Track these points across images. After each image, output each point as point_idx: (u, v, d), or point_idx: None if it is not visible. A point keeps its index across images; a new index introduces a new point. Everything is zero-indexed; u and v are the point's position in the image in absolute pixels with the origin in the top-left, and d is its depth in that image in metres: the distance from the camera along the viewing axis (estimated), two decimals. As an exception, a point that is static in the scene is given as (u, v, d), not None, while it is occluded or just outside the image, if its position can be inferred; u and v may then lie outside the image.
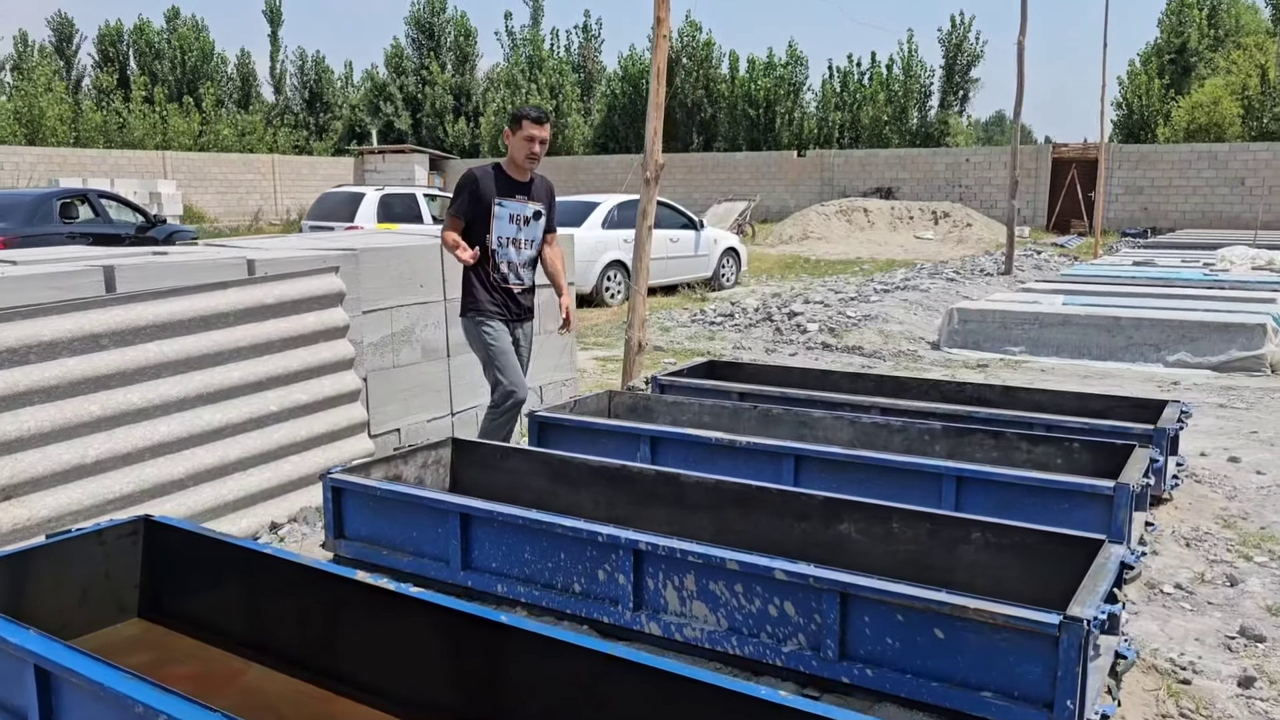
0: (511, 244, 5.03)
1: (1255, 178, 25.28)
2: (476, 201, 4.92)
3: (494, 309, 5.00)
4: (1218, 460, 5.86)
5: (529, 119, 4.92)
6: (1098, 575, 2.97)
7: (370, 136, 41.53)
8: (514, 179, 5.00)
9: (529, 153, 4.90)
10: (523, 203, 5.02)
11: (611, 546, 3.42)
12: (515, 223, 5.02)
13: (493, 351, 4.99)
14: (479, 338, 5.02)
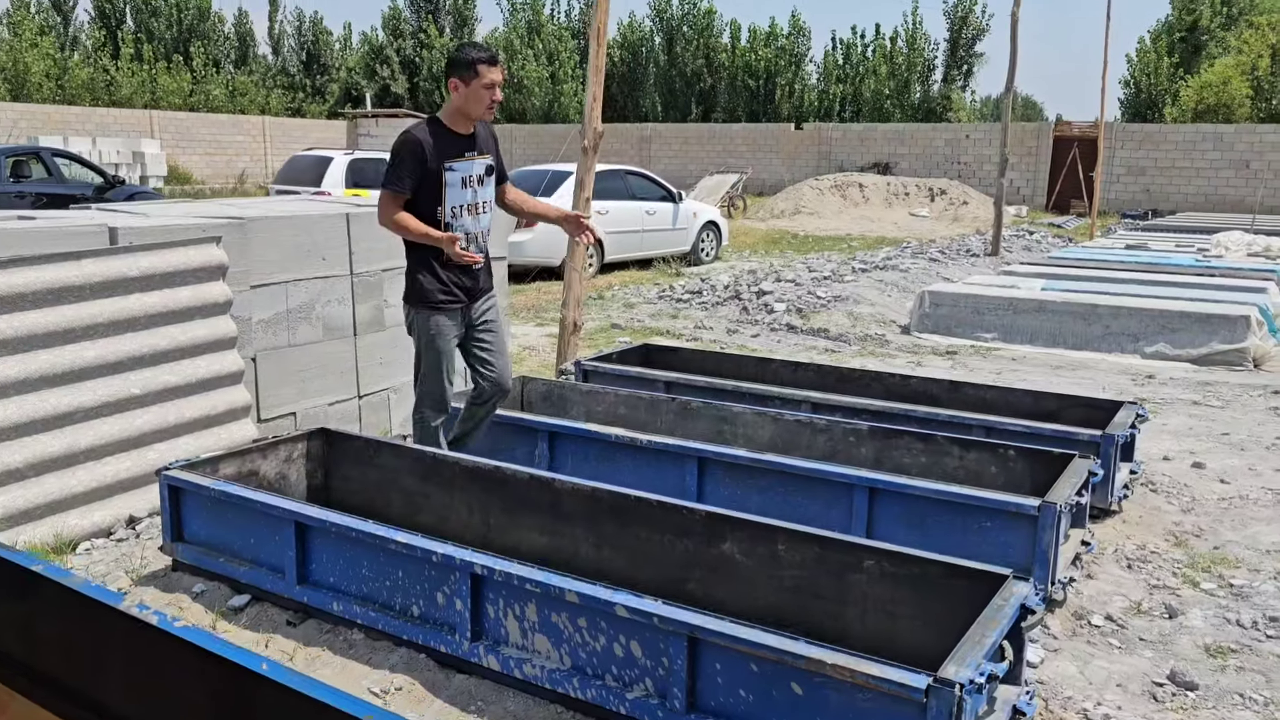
0: (467, 212, 4.12)
1: (1260, 161, 24.64)
2: (421, 170, 3.98)
3: (445, 298, 4.10)
4: (1180, 465, 5.42)
5: (484, 62, 3.95)
6: (987, 624, 2.54)
7: (365, 99, 40.84)
8: (458, 134, 4.07)
9: (490, 103, 3.99)
10: (471, 160, 4.11)
11: (448, 567, 3.00)
12: (469, 186, 4.10)
13: (428, 352, 4.14)
14: (418, 332, 4.17)
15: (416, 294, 4.14)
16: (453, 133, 4.07)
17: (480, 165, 4.15)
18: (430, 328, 4.12)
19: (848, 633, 3.11)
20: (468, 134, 4.10)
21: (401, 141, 4.01)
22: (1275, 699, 3.07)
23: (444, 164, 4.01)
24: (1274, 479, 5.22)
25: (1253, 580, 3.91)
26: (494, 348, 4.29)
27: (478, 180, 4.15)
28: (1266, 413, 6.66)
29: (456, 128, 4.08)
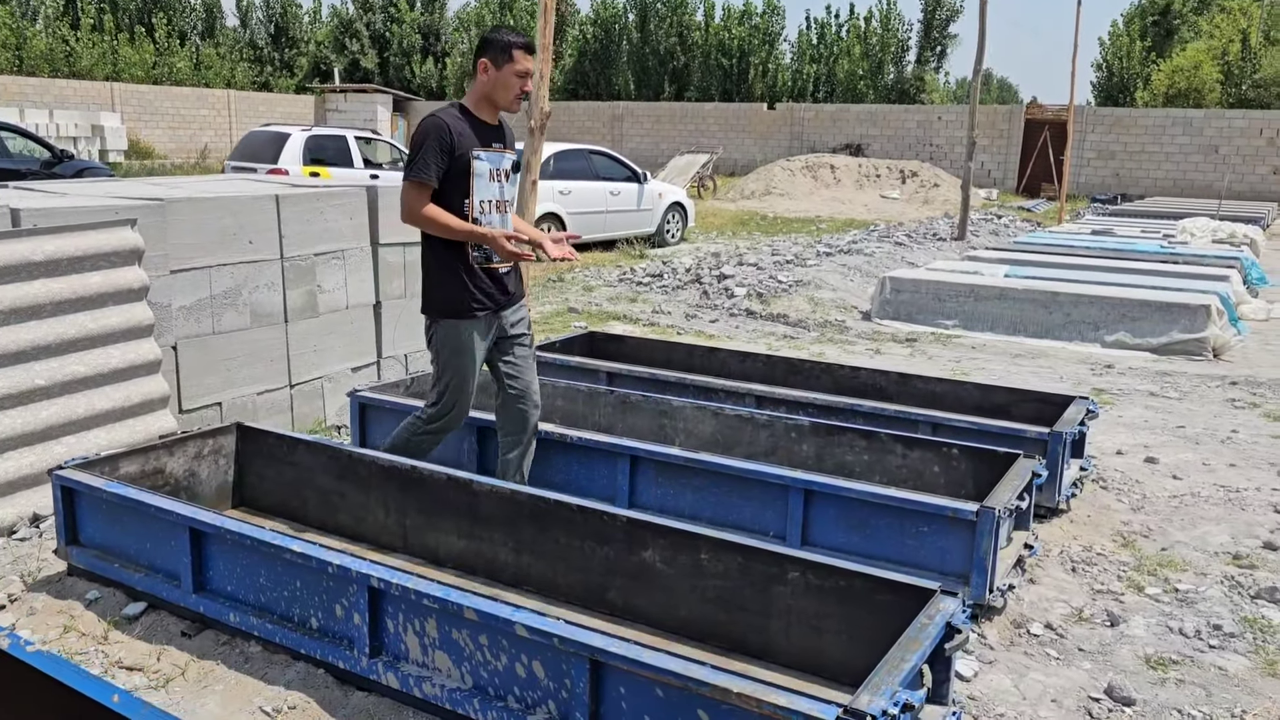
0: (495, 208, 3.69)
1: (1229, 146, 24.68)
2: (450, 156, 3.54)
3: (475, 305, 3.64)
4: (1134, 460, 5.30)
5: (520, 48, 3.57)
6: (907, 647, 2.39)
7: (334, 74, 40.19)
8: (486, 123, 3.68)
9: (519, 92, 3.63)
10: (500, 153, 3.71)
11: (345, 579, 2.81)
12: (496, 179, 3.69)
13: (448, 367, 3.70)
14: (439, 344, 3.70)
15: (441, 301, 3.67)
16: (480, 120, 3.67)
17: (508, 160, 3.78)
18: (458, 340, 3.65)
19: (772, 647, 2.96)
20: (494, 124, 3.73)
21: (427, 126, 3.57)
22: (1215, 715, 2.95)
23: (473, 152, 3.59)
24: (1227, 475, 5.12)
25: (1199, 585, 3.79)
26: (523, 364, 3.85)
27: (505, 175, 3.75)
28: (1223, 405, 6.57)
29: (483, 115, 3.68)
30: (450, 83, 39.54)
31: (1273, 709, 2.98)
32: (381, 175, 14.72)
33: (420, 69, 40.88)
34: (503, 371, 3.84)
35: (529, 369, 3.87)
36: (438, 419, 3.79)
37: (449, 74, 39.77)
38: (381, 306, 5.91)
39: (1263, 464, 5.30)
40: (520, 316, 3.84)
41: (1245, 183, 24.29)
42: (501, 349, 3.80)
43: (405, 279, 6.04)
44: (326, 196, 5.50)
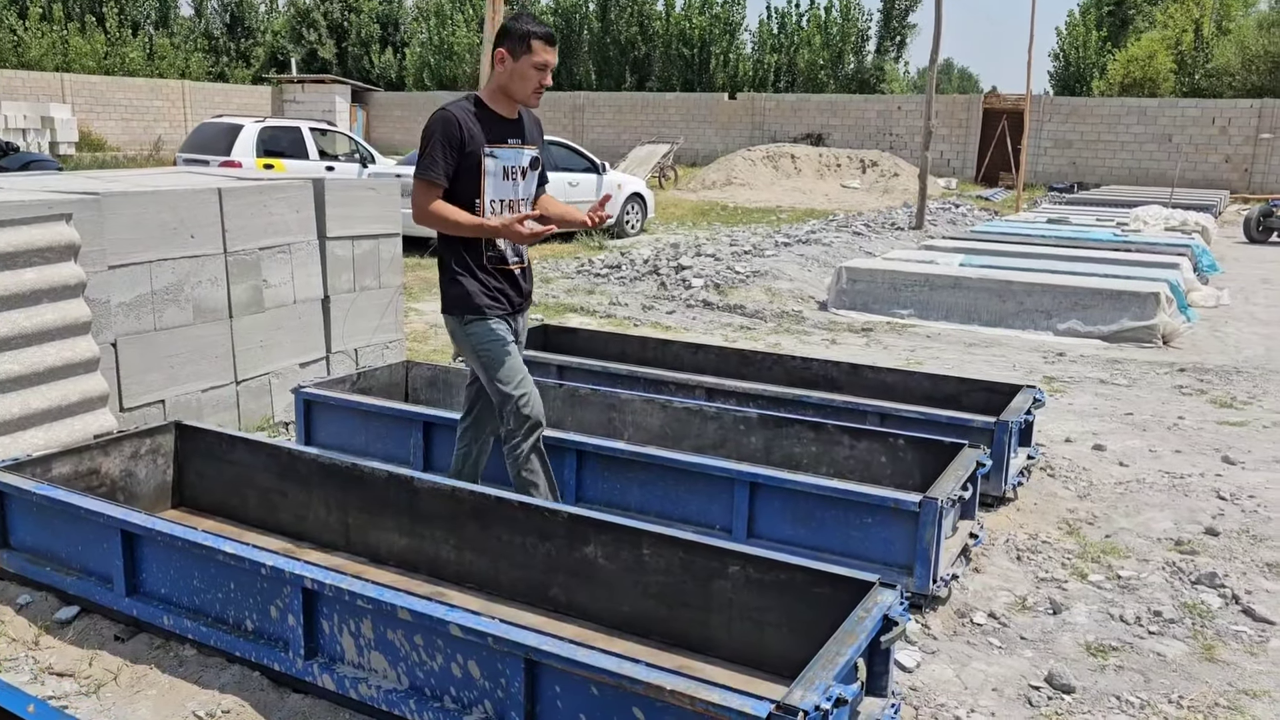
0: (508, 208, 3.51)
1: (1182, 135, 25.04)
2: (460, 152, 3.36)
3: (491, 302, 3.50)
4: (1082, 448, 5.36)
5: (540, 38, 3.37)
6: (842, 641, 2.38)
7: (291, 65, 39.69)
8: (503, 117, 3.47)
9: (537, 86, 3.43)
10: (517, 149, 3.50)
11: (279, 580, 2.76)
12: (510, 178, 3.50)
13: (495, 361, 3.51)
14: (473, 344, 3.53)
15: (459, 300, 3.51)
16: (495, 114, 3.46)
17: (526, 156, 3.55)
18: (483, 334, 3.50)
19: (714, 641, 2.95)
20: (512, 118, 3.50)
21: (435, 120, 3.38)
22: (1152, 701, 2.97)
23: (484, 148, 3.39)
24: (1172, 461, 5.18)
25: (1140, 571, 3.83)
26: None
27: (521, 173, 3.54)
28: (1171, 391, 6.66)
29: (499, 109, 3.47)
30: (410, 73, 39.22)
31: (1209, 694, 3.02)
32: (338, 167, 14.57)
33: (379, 59, 40.52)
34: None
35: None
36: (514, 422, 3.51)
37: (408, 64, 39.43)
38: (330, 301, 5.83)
39: (1208, 450, 5.37)
40: (524, 326, 3.72)
41: (1198, 171, 24.66)
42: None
43: (354, 272, 5.97)
44: (271, 190, 5.41)
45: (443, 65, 38.26)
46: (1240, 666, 3.18)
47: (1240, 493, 4.68)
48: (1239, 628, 3.42)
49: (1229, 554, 4.02)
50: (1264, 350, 7.99)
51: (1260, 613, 3.50)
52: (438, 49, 38.33)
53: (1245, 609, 3.54)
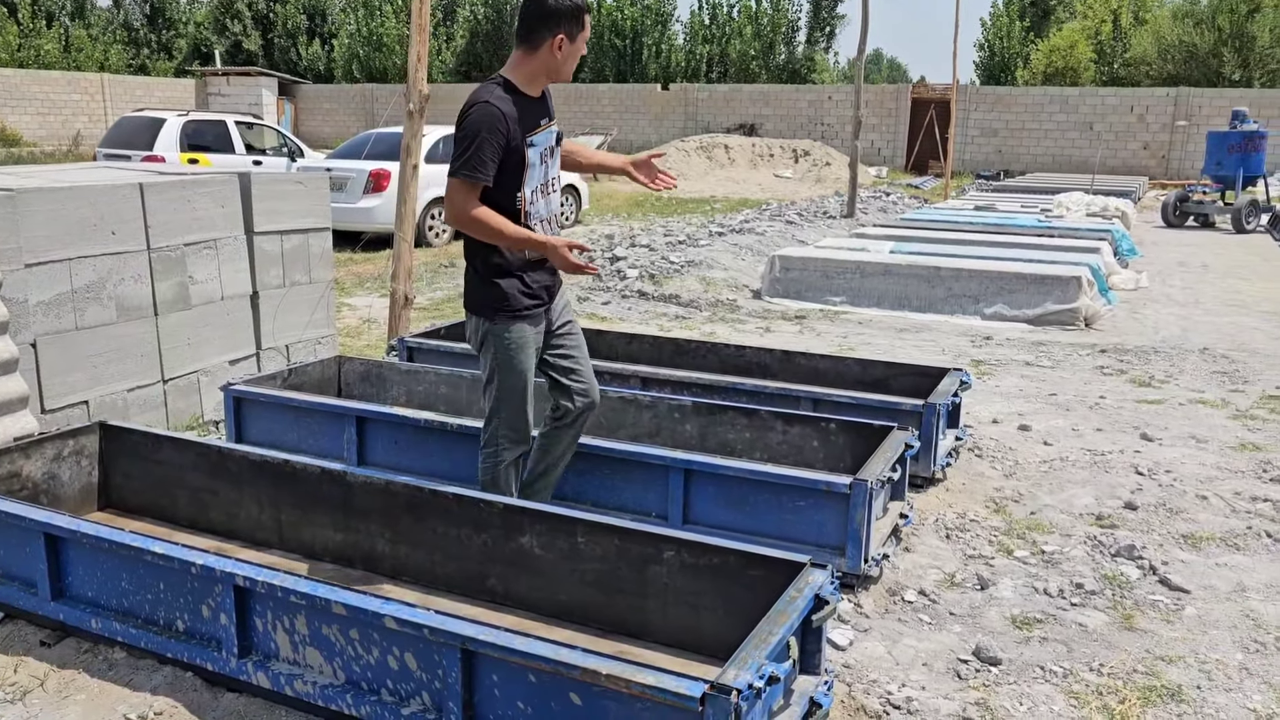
0: (543, 193, 3.32)
1: (1103, 123, 25.69)
2: (507, 147, 3.13)
3: (532, 302, 3.28)
4: (1008, 428, 5.50)
5: (588, 11, 3.24)
6: (774, 620, 2.43)
7: (215, 57, 38.80)
8: (533, 99, 3.25)
9: (578, 63, 3.35)
10: (548, 130, 3.31)
11: (210, 579, 2.73)
12: (545, 162, 3.31)
13: (512, 372, 3.28)
14: (498, 347, 3.27)
15: (492, 300, 3.25)
16: (528, 98, 3.22)
17: (553, 134, 3.35)
18: (511, 341, 3.25)
19: (651, 626, 2.99)
20: (538, 97, 3.28)
21: (478, 117, 3.08)
22: (1074, 669, 3.08)
23: (527, 139, 3.18)
24: (1094, 439, 5.35)
25: (1063, 546, 3.95)
26: (578, 353, 3.48)
27: (550, 152, 3.35)
28: (1093, 372, 6.85)
29: (530, 91, 3.22)
30: (338, 65, 38.58)
31: (1128, 661, 3.13)
32: (265, 162, 14.31)
33: (307, 51, 39.80)
34: (558, 366, 3.44)
35: (585, 358, 3.51)
36: (501, 435, 3.33)
37: (337, 56, 38.78)
38: (259, 297, 5.74)
39: (1127, 428, 5.55)
40: (565, 303, 3.51)
41: (1118, 158, 25.33)
42: (550, 343, 3.42)
43: (283, 268, 5.88)
44: (195, 184, 5.31)
45: (372, 57, 37.72)
46: (1157, 634, 3.30)
47: (1157, 468, 4.85)
48: (1156, 597, 3.55)
49: (1147, 527, 4.17)
50: (1180, 331, 8.26)
51: (1176, 582, 3.63)
52: (367, 41, 37.76)
53: (1162, 579, 3.68)
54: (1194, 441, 5.30)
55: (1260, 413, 5.86)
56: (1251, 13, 28.60)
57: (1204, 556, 3.90)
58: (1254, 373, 6.82)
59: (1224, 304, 9.52)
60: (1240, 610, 3.47)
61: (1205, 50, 28.91)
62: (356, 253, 11.59)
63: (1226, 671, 3.08)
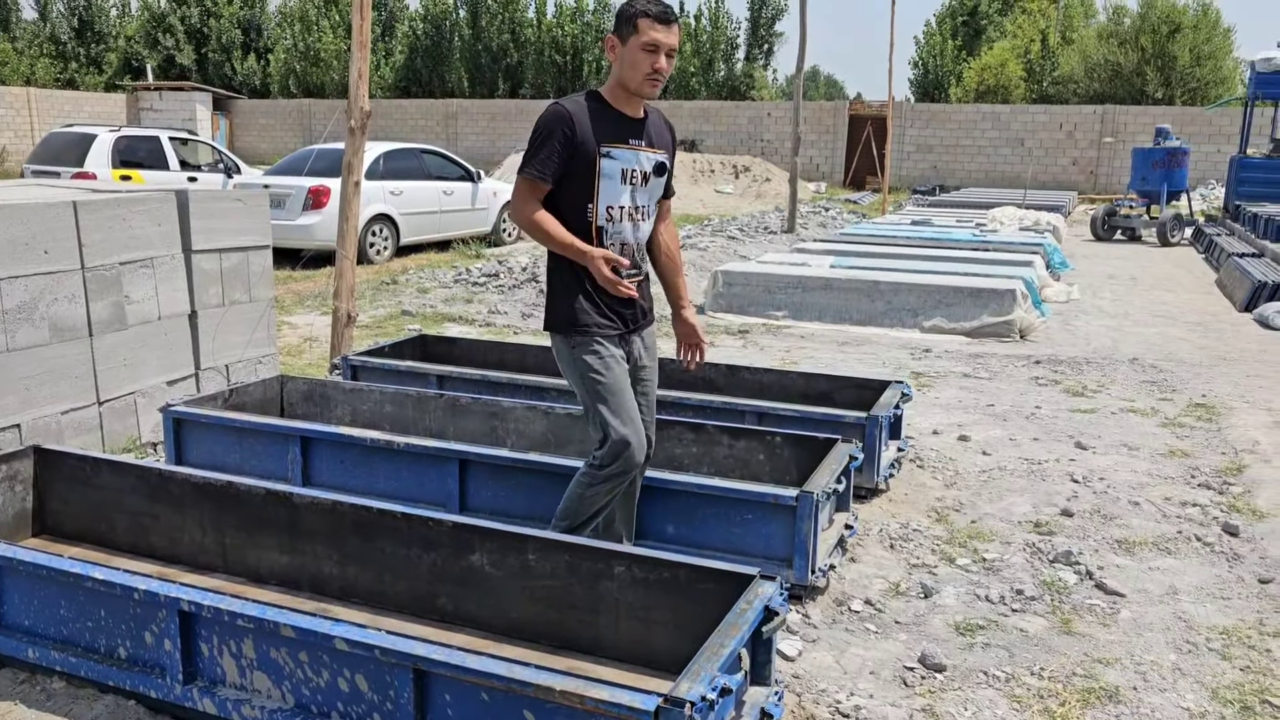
0: (626, 216, 3.16)
1: (1034, 139, 26.37)
2: (571, 151, 3.04)
3: (603, 320, 3.16)
4: (948, 439, 5.61)
5: (646, 15, 3.01)
6: (726, 633, 2.46)
7: (147, 72, 38.08)
8: (623, 114, 3.12)
9: (650, 71, 3.02)
10: (637, 150, 3.13)
11: (153, 604, 2.68)
12: (630, 183, 3.13)
13: (599, 388, 3.15)
14: (578, 368, 3.18)
15: (563, 316, 3.18)
16: (614, 111, 3.11)
17: (649, 160, 3.17)
18: (588, 357, 3.15)
19: (603, 641, 2.99)
20: (635, 117, 3.14)
21: (546, 115, 3.06)
22: (1016, 674, 3.15)
23: (600, 147, 3.07)
24: (1030, 448, 5.48)
25: (1003, 553, 4.05)
26: (644, 402, 3.34)
27: (642, 178, 3.16)
28: (1028, 383, 7.02)
29: (620, 105, 3.11)
30: (275, 80, 38.12)
31: (1067, 664, 3.22)
32: (201, 178, 14.09)
33: (242, 66, 39.27)
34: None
35: (650, 409, 3.37)
36: (610, 457, 3.14)
37: (273, 71, 38.31)
38: (198, 316, 5.65)
39: (1062, 437, 5.69)
40: (646, 344, 3.33)
41: (1048, 173, 26.00)
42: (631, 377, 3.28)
43: (222, 286, 5.80)
44: (130, 202, 5.22)
45: (309, 72, 37.34)
46: (1095, 638, 3.39)
47: (1092, 475, 4.99)
48: (1093, 601, 3.65)
49: (1083, 533, 4.28)
50: (1111, 341, 8.50)
51: (1111, 586, 3.74)
52: (304, 56, 37.37)
53: (1098, 584, 3.78)
54: (1126, 449, 5.46)
55: (1188, 420, 6.05)
56: (1172, 33, 29.61)
57: (1137, 561, 4.01)
58: (1181, 381, 7.04)
59: (1152, 315, 9.82)
60: (1173, 612, 3.58)
61: (1129, 69, 29.84)
62: (297, 270, 11.46)
63: (1161, 672, 3.17)
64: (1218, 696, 3.04)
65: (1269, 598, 3.71)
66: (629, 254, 3.19)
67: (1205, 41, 29.84)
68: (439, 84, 37.10)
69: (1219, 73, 30.18)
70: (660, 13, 3.02)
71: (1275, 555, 4.08)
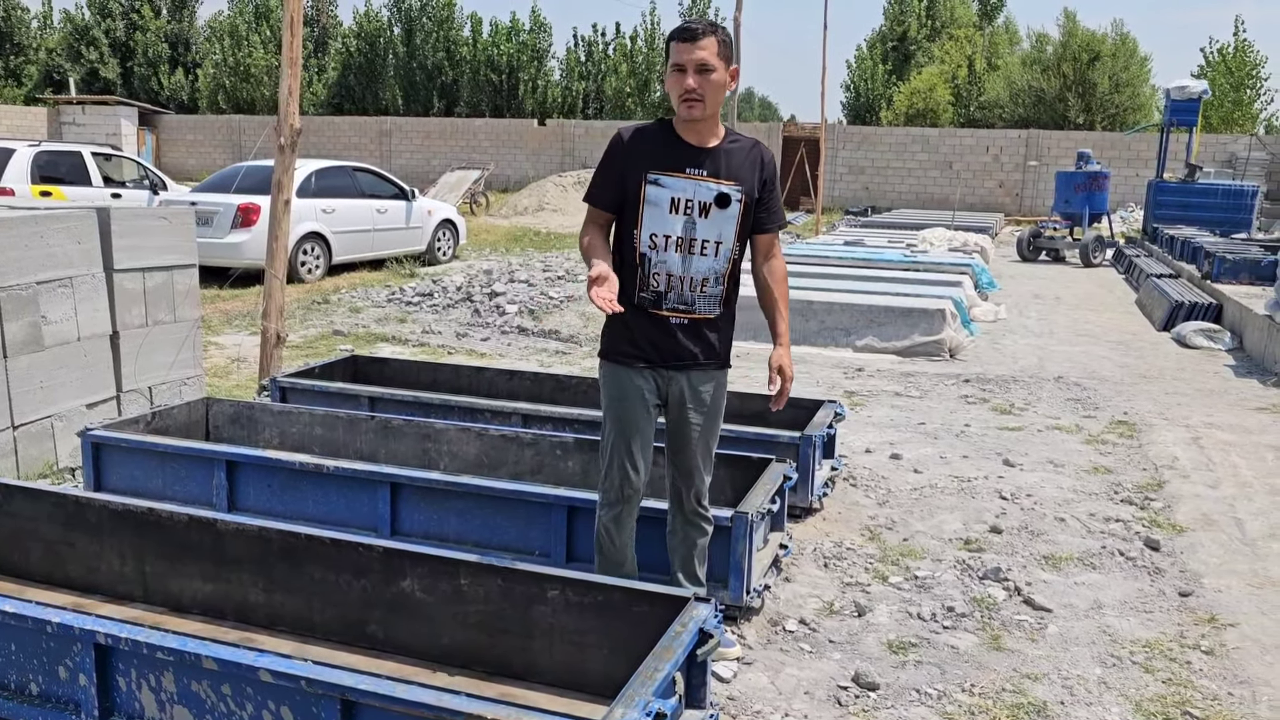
0: (675, 246, 3.03)
1: (961, 162, 26.97)
2: (620, 177, 3.04)
3: (631, 350, 3.10)
4: (880, 457, 5.67)
5: (673, 39, 2.98)
6: (660, 657, 2.44)
7: (69, 85, 37.12)
8: (686, 141, 3.03)
9: (683, 92, 2.94)
10: (697, 180, 3.01)
11: (67, 637, 2.58)
12: (683, 213, 3.02)
13: (608, 414, 3.15)
14: (604, 392, 3.18)
15: (604, 339, 3.19)
16: (678, 138, 3.04)
17: (710, 191, 3.02)
18: (616, 385, 3.12)
19: (537, 666, 2.96)
20: (703, 145, 3.04)
21: (610, 141, 3.11)
22: (948, 691, 3.18)
23: (649, 174, 3.00)
24: (960, 465, 5.56)
25: (935, 571, 4.10)
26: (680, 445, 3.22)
27: (701, 209, 3.02)
28: (958, 401, 7.15)
29: (684, 133, 3.03)
30: (203, 95, 37.46)
31: (997, 680, 3.26)
32: (125, 194, 13.74)
33: (169, 80, 38.53)
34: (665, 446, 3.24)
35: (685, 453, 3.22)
36: (605, 491, 3.18)
37: (201, 86, 37.65)
38: (120, 337, 5.50)
39: (990, 454, 5.79)
40: (691, 389, 3.15)
41: (975, 195, 26.60)
42: (669, 417, 3.20)
43: (145, 306, 5.65)
44: (48, 219, 5.06)
45: (239, 88, 36.74)
46: (1023, 653, 3.45)
47: (1019, 492, 5.08)
48: (1021, 617, 3.71)
49: (1011, 549, 4.35)
50: (1037, 360, 8.70)
51: (1039, 602, 3.81)
52: (233, 71, 36.78)
53: (1026, 599, 3.84)
54: (1052, 466, 5.58)
55: (1110, 437, 6.21)
56: (1092, 61, 30.59)
57: (1064, 576, 4.09)
58: (1104, 399, 7.23)
59: (1075, 334, 10.07)
60: (1098, 626, 3.65)
61: (1052, 95, 30.75)
62: (225, 289, 11.22)
63: (1087, 686, 3.23)
64: (1141, 709, 3.10)
65: (1189, 610, 3.81)
66: (675, 287, 3.05)
67: (1123, 69, 30.89)
68: (373, 101, 36.78)
69: (1137, 99, 31.24)
70: (680, 30, 2.98)
71: (1195, 569, 4.19)
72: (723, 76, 2.95)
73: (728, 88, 3.00)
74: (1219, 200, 17.68)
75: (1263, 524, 4.74)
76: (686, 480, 3.23)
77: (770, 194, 3.14)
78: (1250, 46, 31.31)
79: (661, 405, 3.18)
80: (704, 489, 3.26)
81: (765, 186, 3.12)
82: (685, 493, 3.24)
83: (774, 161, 3.17)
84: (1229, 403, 7.19)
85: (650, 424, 3.16)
